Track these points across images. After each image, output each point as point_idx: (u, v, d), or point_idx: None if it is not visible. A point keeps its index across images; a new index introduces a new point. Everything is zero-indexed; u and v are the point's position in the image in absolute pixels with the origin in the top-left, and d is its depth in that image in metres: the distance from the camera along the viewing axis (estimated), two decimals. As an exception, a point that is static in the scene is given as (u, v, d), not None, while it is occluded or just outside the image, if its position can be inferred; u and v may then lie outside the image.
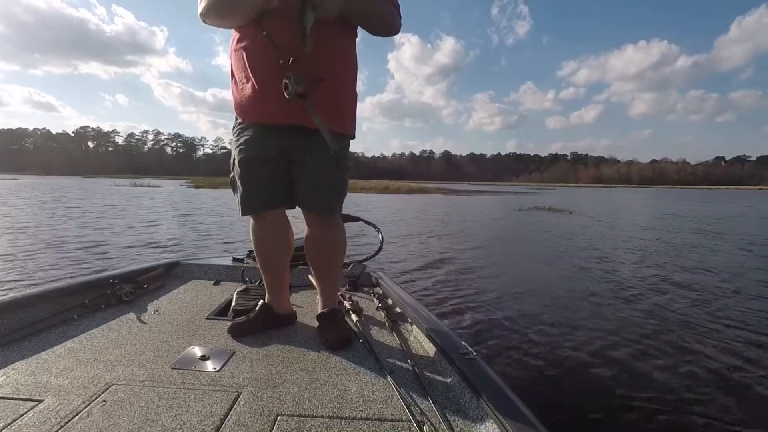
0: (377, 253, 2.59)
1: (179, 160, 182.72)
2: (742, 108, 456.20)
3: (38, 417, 0.99)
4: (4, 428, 0.95)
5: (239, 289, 1.94)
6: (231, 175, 1.57)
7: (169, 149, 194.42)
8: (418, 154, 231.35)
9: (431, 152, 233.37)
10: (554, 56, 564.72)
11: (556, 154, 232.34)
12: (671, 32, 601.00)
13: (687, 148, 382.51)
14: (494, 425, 0.96)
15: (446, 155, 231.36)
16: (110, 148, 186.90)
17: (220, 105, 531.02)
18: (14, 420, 0.98)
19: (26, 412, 1.01)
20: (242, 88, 1.42)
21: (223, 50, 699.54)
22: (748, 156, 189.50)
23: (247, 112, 1.44)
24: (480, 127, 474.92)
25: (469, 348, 1.30)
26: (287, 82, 1.26)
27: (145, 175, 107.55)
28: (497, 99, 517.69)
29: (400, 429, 1.01)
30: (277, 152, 1.46)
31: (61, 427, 0.96)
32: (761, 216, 15.88)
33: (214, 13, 1.35)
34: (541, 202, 22.11)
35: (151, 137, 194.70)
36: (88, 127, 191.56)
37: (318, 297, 1.71)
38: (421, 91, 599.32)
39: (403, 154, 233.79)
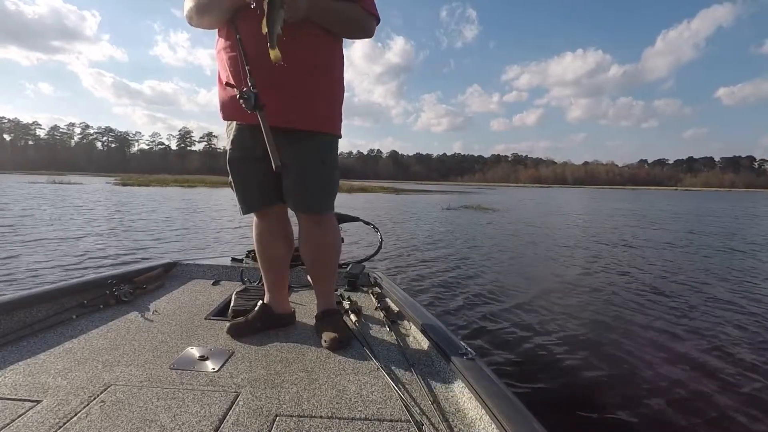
0: (376, 253, 2.60)
1: (111, 156, 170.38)
2: (664, 115, 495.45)
3: (37, 417, 0.99)
4: (2, 429, 0.94)
5: (238, 289, 1.93)
6: (229, 177, 1.59)
7: (99, 144, 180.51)
8: (366, 153, 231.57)
9: (379, 152, 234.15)
10: (499, 60, 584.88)
11: (498, 155, 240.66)
12: (605, 42, 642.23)
13: (616, 151, 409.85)
14: (493, 425, 0.97)
15: (393, 155, 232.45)
16: (30, 142, 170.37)
17: (159, 98, 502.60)
18: (12, 420, 0.97)
19: (25, 413, 1.00)
20: (224, 89, 1.44)
21: (162, 39, 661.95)
22: (667, 159, 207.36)
23: (229, 111, 1.46)
24: (428, 128, 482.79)
25: (468, 348, 1.29)
26: (240, 99, 1.28)
27: (71, 172, 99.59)
28: (445, 100, 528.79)
29: (399, 429, 1.01)
30: (263, 152, 1.43)
31: (60, 427, 0.95)
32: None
33: (196, 14, 1.40)
34: (473, 201, 22.99)
35: (78, 131, 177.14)
36: (3, 118, 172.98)
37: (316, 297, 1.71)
38: (371, 90, 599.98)
39: (351, 153, 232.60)
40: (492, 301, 3.87)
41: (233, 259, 2.53)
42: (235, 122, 1.49)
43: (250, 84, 1.29)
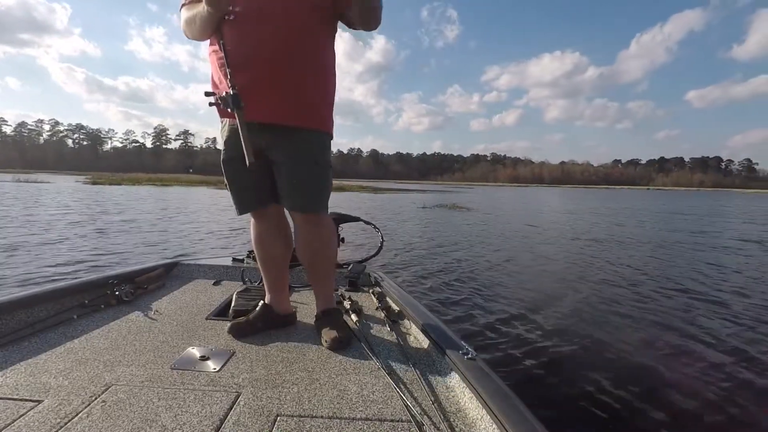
0: (377, 253, 2.59)
1: (82, 154, 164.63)
2: (637, 117, 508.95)
3: (38, 417, 0.99)
4: (4, 428, 0.94)
5: (239, 289, 1.93)
6: (224, 178, 1.58)
7: (70, 142, 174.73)
8: (346, 152, 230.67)
9: (359, 150, 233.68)
10: (480, 61, 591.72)
11: (478, 154, 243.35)
12: (583, 44, 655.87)
13: (591, 152, 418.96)
14: (494, 425, 0.96)
15: (374, 154, 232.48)
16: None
17: (134, 95, 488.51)
18: (14, 420, 0.98)
19: (26, 413, 1.01)
20: (215, 89, 1.45)
21: (137, 34, 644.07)
22: (640, 159, 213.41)
23: (221, 111, 1.48)
24: (408, 127, 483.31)
25: (469, 348, 1.29)
26: (220, 102, 1.33)
27: (40, 170, 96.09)
28: (426, 100, 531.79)
29: (400, 429, 1.01)
30: (257, 152, 1.43)
31: (61, 427, 0.96)
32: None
33: (186, 28, 1.44)
34: (448, 200, 23.16)
35: (47, 128, 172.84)
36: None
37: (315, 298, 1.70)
38: (351, 89, 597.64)
39: (331, 152, 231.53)
40: (481, 299, 3.82)
41: (234, 259, 2.54)
42: (228, 123, 1.50)
43: (229, 86, 1.30)
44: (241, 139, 1.30)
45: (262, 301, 1.68)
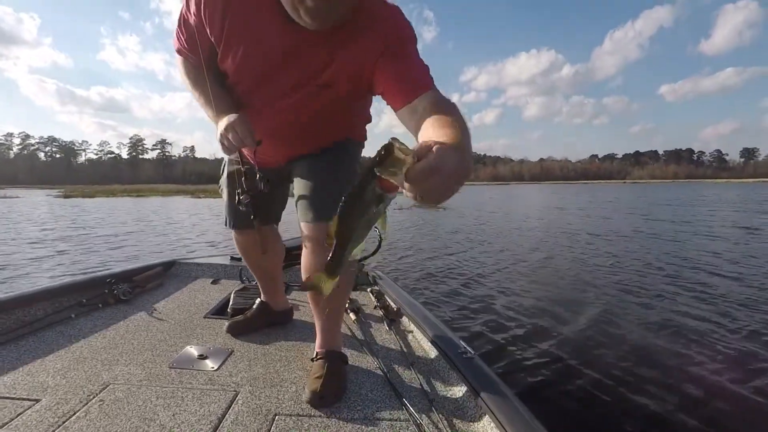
0: (376, 251, 2.56)
1: (56, 168, 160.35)
2: (613, 112, 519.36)
3: (36, 417, 0.99)
4: (1, 428, 0.94)
5: (237, 288, 1.92)
6: (220, 181, 1.48)
7: (42, 155, 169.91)
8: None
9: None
10: (458, 62, 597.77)
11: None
12: (558, 42, 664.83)
13: (570, 148, 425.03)
14: (492, 424, 0.96)
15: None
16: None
17: (108, 105, 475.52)
18: (11, 419, 0.97)
19: (23, 412, 1.01)
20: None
21: (110, 43, 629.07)
22: (616, 154, 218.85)
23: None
24: (390, 129, 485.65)
25: (467, 347, 1.29)
26: (239, 198, 1.29)
27: (11, 186, 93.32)
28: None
29: (398, 428, 1.01)
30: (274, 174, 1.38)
31: (59, 426, 0.96)
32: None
33: None
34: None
35: (17, 141, 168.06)
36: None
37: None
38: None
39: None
40: (500, 299, 3.81)
41: (232, 258, 2.53)
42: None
43: (246, 190, 1.27)
44: (260, 243, 1.36)
45: (259, 299, 1.67)
